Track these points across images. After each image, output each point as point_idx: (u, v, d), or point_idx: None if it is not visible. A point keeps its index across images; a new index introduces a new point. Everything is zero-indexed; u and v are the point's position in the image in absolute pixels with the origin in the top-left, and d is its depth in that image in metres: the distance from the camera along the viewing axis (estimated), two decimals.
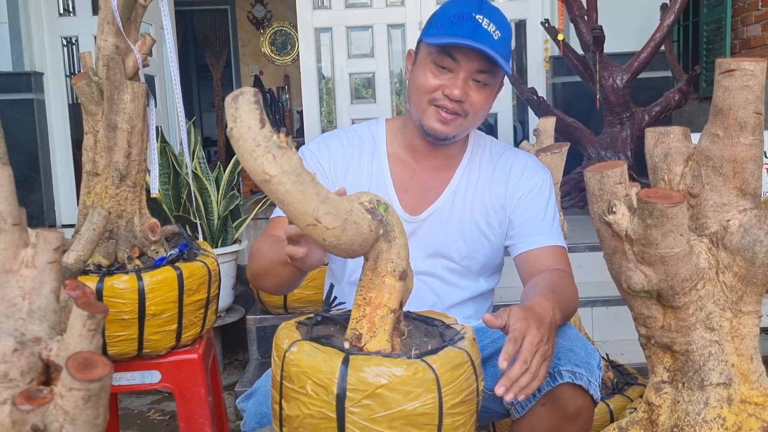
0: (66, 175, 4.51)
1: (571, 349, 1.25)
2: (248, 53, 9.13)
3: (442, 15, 1.39)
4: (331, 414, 0.88)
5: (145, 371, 1.63)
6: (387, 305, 0.96)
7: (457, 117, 1.38)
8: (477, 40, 1.32)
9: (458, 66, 1.35)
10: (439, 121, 1.38)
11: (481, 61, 1.34)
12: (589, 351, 1.27)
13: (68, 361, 0.66)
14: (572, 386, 1.23)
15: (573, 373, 1.23)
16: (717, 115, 0.87)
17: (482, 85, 1.38)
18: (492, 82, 1.39)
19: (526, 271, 1.43)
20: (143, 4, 1.64)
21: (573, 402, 1.24)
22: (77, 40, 4.67)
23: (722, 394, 0.89)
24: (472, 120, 1.40)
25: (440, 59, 1.36)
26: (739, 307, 0.89)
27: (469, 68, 1.35)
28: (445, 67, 1.36)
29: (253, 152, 0.78)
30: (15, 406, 0.66)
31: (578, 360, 1.24)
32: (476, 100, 1.38)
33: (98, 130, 1.60)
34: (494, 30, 1.34)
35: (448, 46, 1.34)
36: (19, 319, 0.73)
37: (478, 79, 1.37)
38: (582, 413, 1.27)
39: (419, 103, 1.39)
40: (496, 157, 1.51)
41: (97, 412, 0.67)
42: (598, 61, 3.62)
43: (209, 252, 1.75)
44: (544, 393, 1.24)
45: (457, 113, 1.37)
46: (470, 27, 1.34)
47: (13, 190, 0.76)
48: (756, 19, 4.35)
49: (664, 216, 0.82)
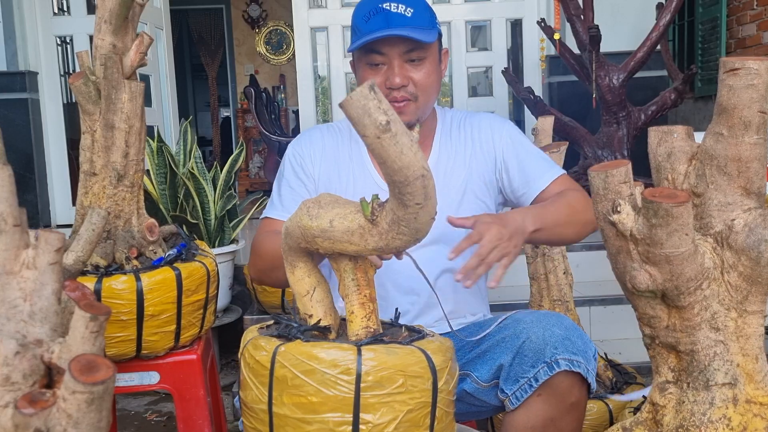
0: (61, 175, 4.49)
1: (568, 338, 1.26)
2: (243, 53, 9.11)
3: (356, 18, 1.46)
4: (429, 400, 0.97)
5: (143, 372, 1.62)
6: (375, 298, 1.04)
7: (408, 103, 1.44)
8: (391, 25, 1.39)
9: (387, 57, 1.42)
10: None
11: (405, 42, 1.40)
12: (585, 340, 1.28)
13: (71, 363, 0.65)
14: (570, 375, 1.24)
15: (570, 361, 1.23)
16: (721, 114, 0.87)
17: (417, 63, 1.43)
18: (426, 55, 1.44)
19: None
20: (140, 3, 1.63)
21: (571, 391, 1.25)
22: (72, 39, 4.66)
23: (727, 394, 0.88)
24: (424, 98, 1.46)
25: (370, 58, 1.43)
26: (744, 307, 0.89)
27: (398, 53, 1.41)
28: (378, 63, 1.43)
29: (412, 147, 0.81)
30: (18, 409, 0.65)
31: (575, 348, 1.25)
32: (417, 78, 1.43)
33: (96, 129, 1.59)
34: (405, 9, 1.40)
35: (370, 44, 1.40)
36: (20, 321, 0.72)
37: (412, 58, 1.42)
38: (579, 403, 1.28)
39: None
40: (463, 126, 1.57)
41: (100, 416, 0.66)
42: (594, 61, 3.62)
43: (207, 252, 1.74)
44: (541, 383, 1.24)
45: (407, 99, 1.43)
46: (381, 18, 1.40)
47: (14, 190, 0.75)
48: (751, 19, 4.36)
49: (669, 215, 0.82)
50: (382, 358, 0.94)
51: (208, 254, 1.72)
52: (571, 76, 4.03)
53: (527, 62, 4.62)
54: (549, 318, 1.30)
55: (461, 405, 1.35)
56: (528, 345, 1.26)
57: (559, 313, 1.35)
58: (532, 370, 1.25)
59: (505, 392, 1.29)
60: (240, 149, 2.97)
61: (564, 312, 1.98)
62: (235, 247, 2.89)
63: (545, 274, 2.00)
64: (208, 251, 1.75)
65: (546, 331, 1.26)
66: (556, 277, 1.99)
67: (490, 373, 1.34)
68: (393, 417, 0.94)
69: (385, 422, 0.93)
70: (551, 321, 1.29)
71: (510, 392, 1.28)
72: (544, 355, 1.24)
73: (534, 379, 1.25)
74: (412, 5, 1.41)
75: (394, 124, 0.77)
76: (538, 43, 4.49)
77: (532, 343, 1.26)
